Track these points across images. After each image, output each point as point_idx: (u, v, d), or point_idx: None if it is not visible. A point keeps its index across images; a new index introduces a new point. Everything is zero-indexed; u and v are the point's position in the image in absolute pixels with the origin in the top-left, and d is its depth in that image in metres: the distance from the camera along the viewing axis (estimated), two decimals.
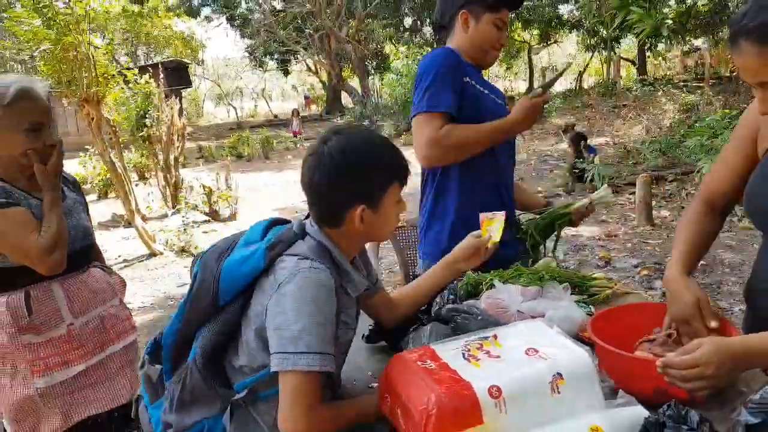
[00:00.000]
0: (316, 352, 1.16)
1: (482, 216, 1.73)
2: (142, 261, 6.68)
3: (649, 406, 1.08)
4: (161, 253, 6.75)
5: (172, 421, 1.29)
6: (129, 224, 7.50)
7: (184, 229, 7.04)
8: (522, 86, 30.58)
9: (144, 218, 7.66)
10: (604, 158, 9.41)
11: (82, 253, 1.97)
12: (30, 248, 1.71)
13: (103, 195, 10.82)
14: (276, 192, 10.51)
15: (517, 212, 2.29)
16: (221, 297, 1.27)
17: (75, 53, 5.68)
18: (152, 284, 5.76)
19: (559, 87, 31.31)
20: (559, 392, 1.08)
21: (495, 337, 1.24)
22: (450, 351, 1.20)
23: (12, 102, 1.71)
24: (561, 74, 2.11)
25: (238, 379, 1.29)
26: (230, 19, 26.78)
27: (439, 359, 1.18)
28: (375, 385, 1.34)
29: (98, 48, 5.93)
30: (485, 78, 2.21)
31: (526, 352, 1.16)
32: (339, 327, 1.27)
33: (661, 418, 1.03)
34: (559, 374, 1.09)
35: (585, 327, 1.37)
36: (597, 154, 8.49)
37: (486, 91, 2.09)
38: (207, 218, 8.34)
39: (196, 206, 8.40)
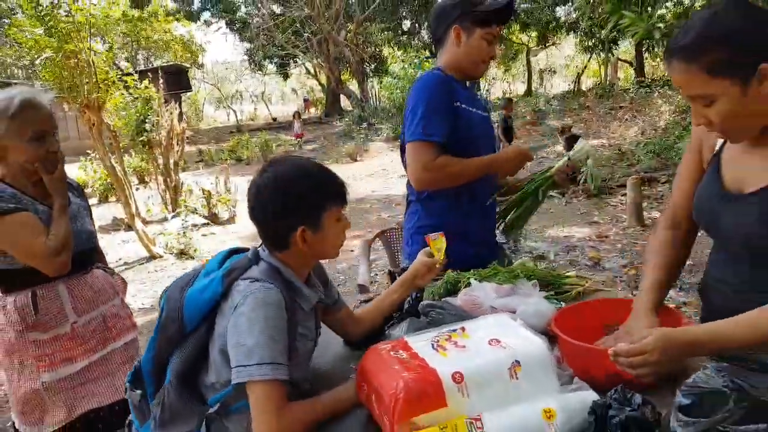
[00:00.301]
0: (269, 363, 1.26)
1: (427, 238, 1.81)
2: (143, 264, 6.80)
3: (602, 391, 1.19)
4: (161, 256, 6.86)
5: None
6: (129, 227, 7.62)
7: (184, 233, 7.16)
8: (520, 88, 30.69)
9: (144, 221, 7.77)
10: (599, 159, 9.52)
11: (86, 255, 2.08)
12: (38, 251, 1.83)
13: (103, 199, 10.94)
14: None
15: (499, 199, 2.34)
16: (187, 324, 1.38)
17: (76, 60, 5.78)
18: (152, 286, 5.87)
19: (557, 89, 31.52)
20: (516, 378, 1.19)
21: (463, 329, 1.35)
22: (421, 342, 1.32)
23: (16, 113, 1.83)
24: (544, 147, 2.19)
25: (211, 395, 1.40)
26: (229, 24, 26.94)
27: (411, 349, 1.29)
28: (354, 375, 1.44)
29: (99, 55, 6.04)
30: (472, 88, 2.32)
31: (489, 342, 1.27)
32: (297, 339, 1.39)
33: (608, 400, 1.14)
34: (517, 362, 1.20)
35: None
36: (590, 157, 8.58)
37: (473, 109, 2.18)
38: (206, 221, 8.46)
39: (195, 210, 8.52)
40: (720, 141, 1.38)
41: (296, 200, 1.39)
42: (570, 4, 21.21)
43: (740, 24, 1.18)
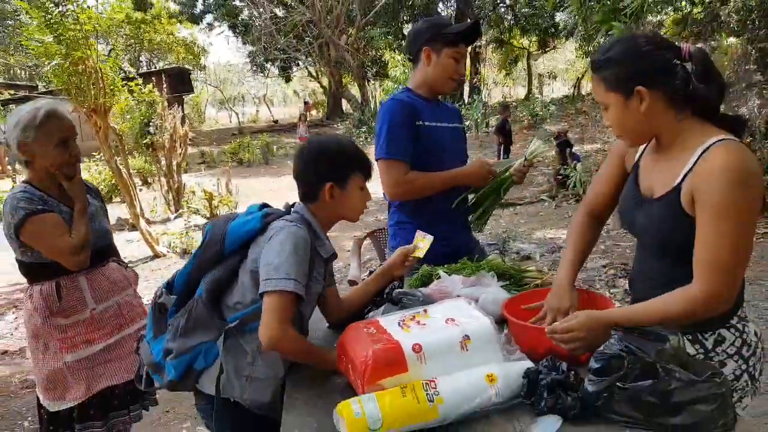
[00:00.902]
0: (293, 278, 1.56)
1: (418, 233, 2.07)
2: (146, 262, 7.05)
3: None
4: (164, 255, 7.11)
5: (174, 347, 1.66)
6: (133, 227, 7.88)
7: (187, 232, 7.41)
8: (521, 92, 30.94)
9: (148, 222, 8.02)
10: (591, 164, 9.77)
11: (103, 251, 2.34)
12: (62, 248, 2.11)
13: (107, 200, 11.20)
14: (275, 196, 10.87)
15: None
16: (227, 248, 1.69)
17: (84, 66, 6.03)
18: (156, 284, 6.11)
19: (557, 93, 31.76)
20: (466, 349, 1.44)
21: (425, 311, 1.61)
22: (390, 321, 1.57)
23: (42, 122, 2.11)
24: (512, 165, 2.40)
25: (231, 314, 1.69)
26: (232, 27, 27.23)
27: (381, 327, 1.54)
28: None
29: (106, 61, 6.29)
30: (439, 104, 2.52)
31: (445, 321, 1.52)
32: (311, 279, 1.67)
33: (539, 367, 1.39)
34: (467, 336, 1.46)
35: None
36: (580, 161, 8.84)
37: (437, 124, 2.41)
38: (208, 222, 8.71)
39: (198, 211, 8.78)
40: (640, 150, 1.63)
41: (329, 161, 1.74)
42: (567, 10, 21.46)
43: (629, 53, 1.45)
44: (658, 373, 1.21)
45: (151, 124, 8.86)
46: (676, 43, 1.47)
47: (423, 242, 2.04)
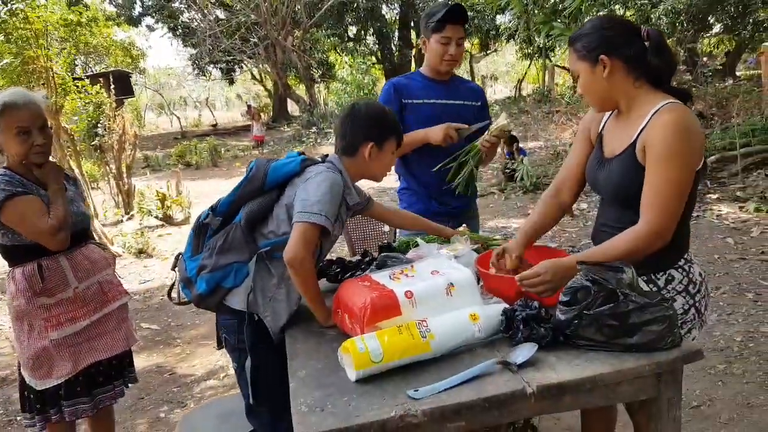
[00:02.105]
0: (324, 215, 1.76)
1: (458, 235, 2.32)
2: None
3: None
4: (120, 255, 7.04)
5: (209, 263, 1.88)
6: None
7: (141, 232, 7.36)
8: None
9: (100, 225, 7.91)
10: (536, 160, 10.22)
11: (82, 233, 2.41)
12: (43, 228, 2.17)
13: None
14: None
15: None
16: (267, 184, 1.91)
17: (34, 66, 5.96)
18: None
19: (499, 95, 32.61)
20: (451, 295, 1.64)
21: (412, 266, 1.80)
22: (381, 276, 1.75)
23: (1, 112, 2.17)
24: (474, 129, 2.65)
25: (264, 241, 1.90)
26: (172, 29, 26.74)
27: (373, 281, 1.72)
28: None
29: (56, 61, 6.22)
30: (444, 83, 2.76)
31: (431, 273, 1.72)
32: (336, 220, 1.86)
33: (515, 307, 1.60)
34: (452, 284, 1.66)
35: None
36: (527, 156, 9.23)
37: (432, 101, 2.71)
38: (161, 223, 8.64)
39: (150, 212, 8.69)
40: (603, 121, 1.88)
41: (376, 122, 1.97)
42: (509, 12, 22.10)
43: (595, 27, 1.71)
44: (618, 298, 1.43)
45: (99, 125, 8.70)
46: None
47: (461, 243, 2.22)
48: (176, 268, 2.02)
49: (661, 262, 1.73)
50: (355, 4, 22.09)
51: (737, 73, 19.99)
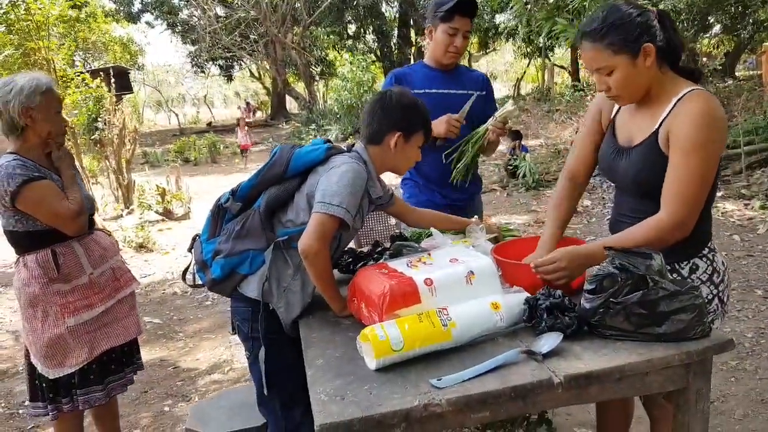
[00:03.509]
0: (344, 207, 1.70)
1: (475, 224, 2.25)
2: None
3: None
4: (120, 250, 6.99)
5: (225, 248, 1.83)
6: None
7: (142, 226, 7.30)
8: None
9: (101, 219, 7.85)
10: (536, 157, 10.18)
11: (90, 218, 2.38)
12: (63, 213, 2.14)
13: None
14: None
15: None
16: (289, 170, 1.84)
17: (35, 57, 5.90)
18: None
19: (498, 93, 32.57)
20: (471, 283, 1.59)
21: (429, 254, 1.76)
22: (398, 263, 1.70)
23: (47, 90, 2.17)
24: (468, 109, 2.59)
25: (282, 229, 1.84)
26: (171, 26, 26.66)
27: (391, 268, 1.68)
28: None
29: (57, 53, 6.17)
30: (449, 73, 2.70)
31: (450, 261, 1.67)
32: (357, 213, 1.79)
33: (538, 296, 1.55)
34: (471, 272, 1.61)
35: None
36: (528, 152, 9.21)
37: (434, 90, 2.64)
38: (161, 218, 8.58)
39: (150, 206, 8.64)
40: (615, 108, 1.82)
41: (406, 112, 1.87)
42: (509, 11, 22.07)
43: (627, 16, 1.60)
44: (648, 284, 1.39)
45: (99, 119, 8.64)
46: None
47: (477, 233, 2.18)
48: (192, 250, 1.96)
49: (686, 251, 1.69)
50: (355, 2, 22.07)
51: (736, 74, 19.99)
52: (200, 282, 1.93)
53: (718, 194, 6.72)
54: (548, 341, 1.42)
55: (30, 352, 2.29)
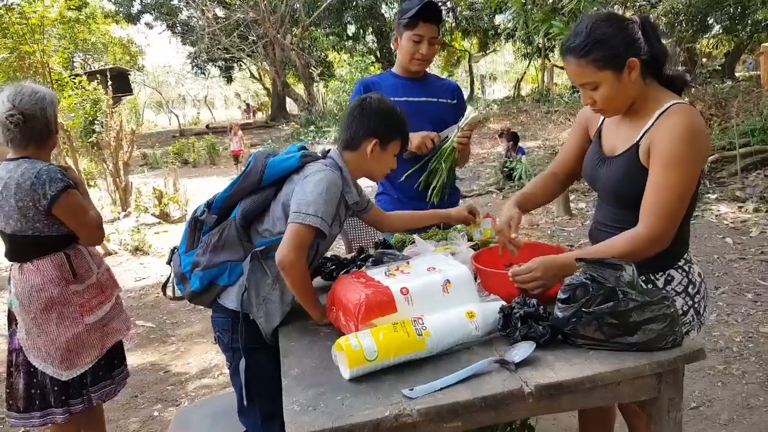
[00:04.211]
0: (320, 216, 1.70)
1: (487, 220, 2.24)
2: None
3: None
4: (115, 253, 7.00)
5: (203, 260, 1.83)
6: None
7: (138, 229, 7.31)
8: (464, 93, 31.46)
9: None
10: (534, 159, 10.19)
11: None
12: (93, 222, 2.27)
13: None
14: None
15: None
16: (264, 180, 1.83)
17: (30, 61, 5.92)
18: None
19: (498, 94, 32.59)
20: (448, 292, 1.60)
21: (408, 263, 1.77)
22: (376, 272, 1.71)
23: (57, 102, 2.29)
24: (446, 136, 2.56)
25: (259, 239, 1.84)
26: (171, 27, 26.69)
27: (369, 277, 1.69)
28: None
29: (53, 56, 6.19)
30: (419, 80, 2.68)
31: (428, 270, 1.68)
32: (333, 220, 1.80)
33: (513, 304, 1.56)
34: (448, 280, 1.62)
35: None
36: (525, 155, 9.21)
37: (397, 99, 2.49)
38: (158, 220, 8.60)
39: (147, 209, 8.66)
40: (601, 118, 1.83)
41: (384, 120, 1.87)
42: (508, 11, 22.09)
43: (611, 31, 1.59)
44: (617, 296, 1.40)
45: (96, 122, 8.67)
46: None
47: (487, 233, 2.19)
48: (171, 263, 1.97)
49: (661, 262, 1.70)
50: (354, 3, 22.10)
51: (736, 74, 19.99)
52: (180, 294, 1.93)
53: (713, 196, 6.72)
54: (521, 351, 1.43)
55: (35, 359, 2.27)
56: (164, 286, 2.01)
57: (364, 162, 1.90)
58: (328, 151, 1.95)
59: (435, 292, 1.60)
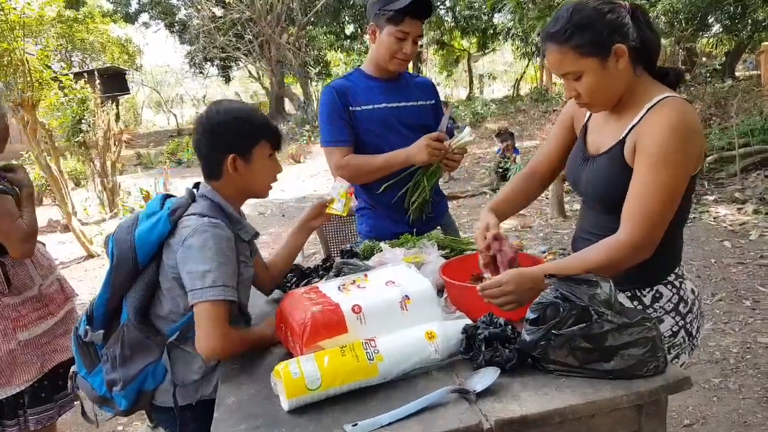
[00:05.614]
0: (220, 285, 1.47)
1: (335, 183, 2.04)
2: (80, 263, 6.77)
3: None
4: (99, 255, 6.85)
5: (117, 377, 1.57)
6: (66, 229, 7.55)
7: None
8: (462, 93, 31.33)
9: (81, 223, 7.70)
10: (530, 158, 10.00)
11: None
12: (14, 233, 2.00)
13: (38, 202, 10.70)
14: None
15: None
16: (140, 262, 1.54)
17: (9, 59, 5.76)
18: (91, 283, 5.89)
19: (497, 94, 32.41)
20: (407, 309, 1.44)
21: (366, 276, 1.60)
22: (329, 287, 1.55)
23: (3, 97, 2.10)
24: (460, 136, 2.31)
25: (167, 326, 1.58)
26: (169, 26, 26.51)
27: (320, 292, 1.52)
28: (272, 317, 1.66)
29: (33, 54, 6.03)
30: (412, 76, 2.49)
31: (386, 284, 1.51)
32: (240, 265, 1.59)
33: (477, 323, 1.40)
34: (407, 296, 1.45)
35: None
36: (519, 154, 9.05)
37: (375, 106, 2.34)
38: None
39: (134, 210, 8.49)
40: (588, 113, 1.66)
41: (229, 130, 1.58)
42: (505, 10, 21.90)
43: (595, 15, 1.43)
44: (591, 317, 1.23)
45: (83, 121, 8.50)
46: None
47: (343, 197, 1.98)
48: (78, 389, 1.70)
49: (649, 277, 1.53)
50: (352, 2, 21.87)
51: (736, 73, 19.81)
52: (109, 414, 1.69)
53: (711, 198, 6.55)
54: (484, 378, 1.26)
55: None
56: (83, 413, 1.76)
57: (236, 184, 1.63)
58: (196, 186, 1.67)
59: (391, 309, 1.43)
